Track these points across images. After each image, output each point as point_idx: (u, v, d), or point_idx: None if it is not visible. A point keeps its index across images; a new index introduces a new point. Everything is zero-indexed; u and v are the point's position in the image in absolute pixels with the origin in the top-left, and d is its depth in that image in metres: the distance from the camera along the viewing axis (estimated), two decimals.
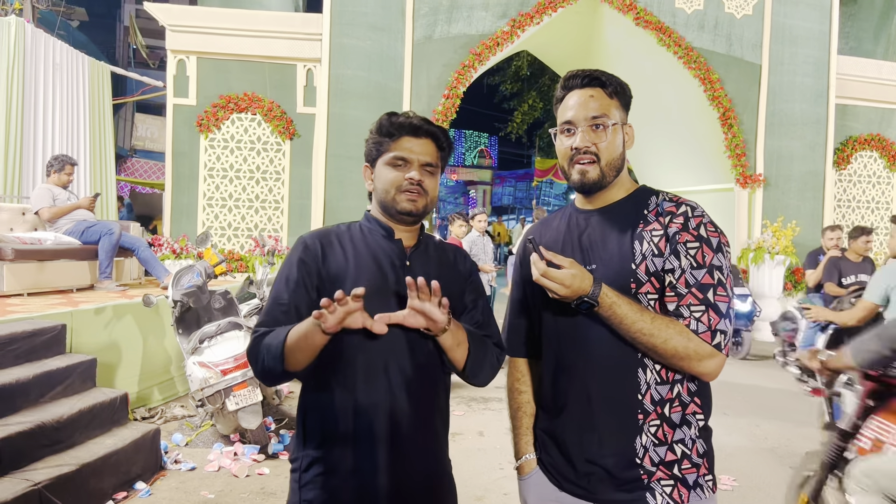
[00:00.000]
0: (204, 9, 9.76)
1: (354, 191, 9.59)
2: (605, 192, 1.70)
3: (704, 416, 1.62)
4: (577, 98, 1.67)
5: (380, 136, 1.76)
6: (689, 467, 1.57)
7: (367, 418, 1.64)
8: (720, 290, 1.54)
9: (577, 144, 1.65)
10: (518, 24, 9.84)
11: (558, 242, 1.73)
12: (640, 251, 1.58)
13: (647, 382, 1.57)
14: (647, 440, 1.56)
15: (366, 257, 1.72)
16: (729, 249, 1.60)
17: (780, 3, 10.62)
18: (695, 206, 1.62)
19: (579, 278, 1.50)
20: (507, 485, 4.20)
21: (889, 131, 11.47)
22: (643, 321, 1.51)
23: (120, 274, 7.00)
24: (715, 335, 1.52)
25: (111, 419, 4.10)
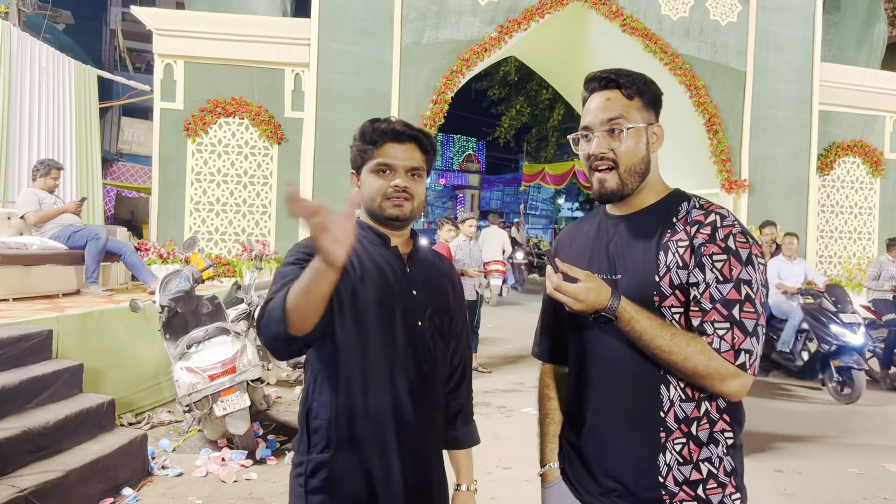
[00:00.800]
0: (191, 13, 9.75)
1: (343, 195, 9.58)
2: (634, 197, 1.62)
3: (734, 433, 1.55)
4: (595, 101, 1.62)
5: (363, 143, 1.76)
6: (715, 487, 1.51)
7: (372, 423, 1.65)
8: (747, 307, 1.44)
9: (592, 151, 1.60)
10: (506, 30, 9.89)
11: (587, 250, 1.68)
12: (665, 262, 1.51)
13: (671, 399, 1.51)
14: (671, 458, 1.50)
15: (368, 265, 1.71)
16: (763, 261, 1.50)
17: (765, 11, 10.74)
18: (725, 214, 1.52)
19: (595, 292, 1.45)
20: (495, 489, 4.22)
21: (871, 137, 11.61)
22: (662, 337, 1.44)
23: (106, 279, 6.96)
24: (739, 355, 1.43)
25: (98, 425, 4.08)
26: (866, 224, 11.61)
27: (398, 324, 1.69)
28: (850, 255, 11.49)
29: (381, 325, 1.67)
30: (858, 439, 5.72)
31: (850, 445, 5.51)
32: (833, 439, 5.68)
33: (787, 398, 7.12)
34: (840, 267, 11.33)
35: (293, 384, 6.70)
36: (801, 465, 4.93)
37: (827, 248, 11.41)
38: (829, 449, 5.40)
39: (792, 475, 4.75)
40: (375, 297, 1.67)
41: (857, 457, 5.21)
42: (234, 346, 4.64)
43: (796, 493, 4.41)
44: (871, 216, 11.64)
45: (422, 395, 1.71)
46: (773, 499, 4.31)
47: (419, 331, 1.72)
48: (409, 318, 1.71)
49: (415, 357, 1.70)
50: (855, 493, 4.46)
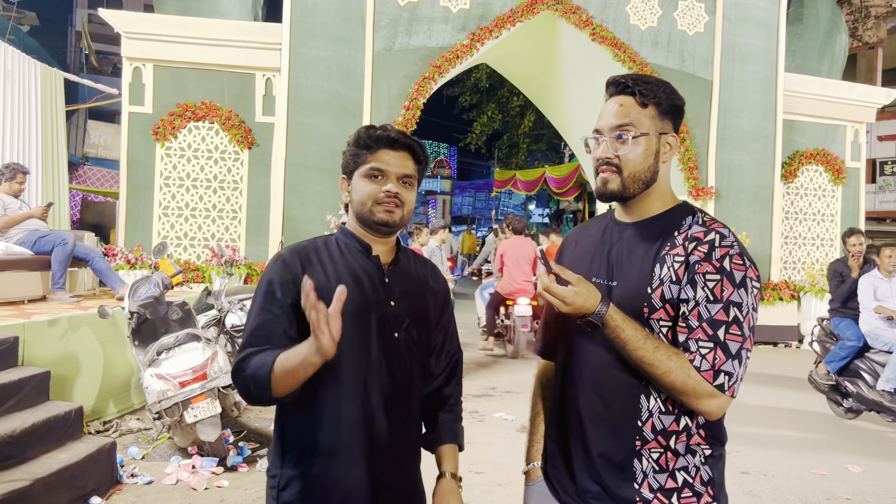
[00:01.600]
0: (161, 16, 9.66)
1: (314, 201, 9.57)
2: (641, 204, 1.62)
3: (711, 446, 1.56)
4: (609, 106, 1.62)
5: (357, 148, 1.76)
6: (690, 496, 1.52)
7: (345, 436, 1.65)
8: (734, 329, 1.44)
9: (598, 154, 1.61)
10: (477, 37, 9.96)
11: (589, 253, 1.70)
12: (659, 275, 1.52)
13: (650, 410, 1.52)
14: (647, 466, 1.52)
15: (345, 276, 1.71)
16: (758, 284, 1.50)
17: (730, 22, 10.96)
18: (726, 234, 1.52)
19: (583, 296, 1.46)
20: (468, 494, 4.23)
21: (833, 146, 11.89)
22: (645, 349, 1.45)
23: (73, 285, 6.86)
24: (718, 375, 1.43)
25: (65, 433, 4.03)
26: (828, 230, 11.88)
27: (373, 335, 1.69)
28: (813, 261, 11.73)
29: (355, 337, 1.65)
30: (821, 441, 5.85)
31: (813, 447, 5.63)
32: (797, 441, 5.80)
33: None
34: (804, 273, 11.57)
35: None
36: (766, 467, 5.03)
37: (791, 254, 11.65)
38: (793, 451, 5.51)
39: (757, 476, 4.84)
40: (351, 309, 1.63)
41: (820, 458, 5.33)
42: (204, 353, 4.61)
43: (762, 495, 4.50)
44: (833, 223, 11.91)
45: (396, 407, 1.71)
46: (739, 500, 4.39)
47: (395, 342, 1.71)
48: (385, 329, 1.71)
49: (389, 369, 1.69)
50: (818, 494, 4.56)
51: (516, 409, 6.25)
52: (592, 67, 11.06)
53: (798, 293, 11.19)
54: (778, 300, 11.02)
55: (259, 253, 9.67)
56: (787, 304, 11.12)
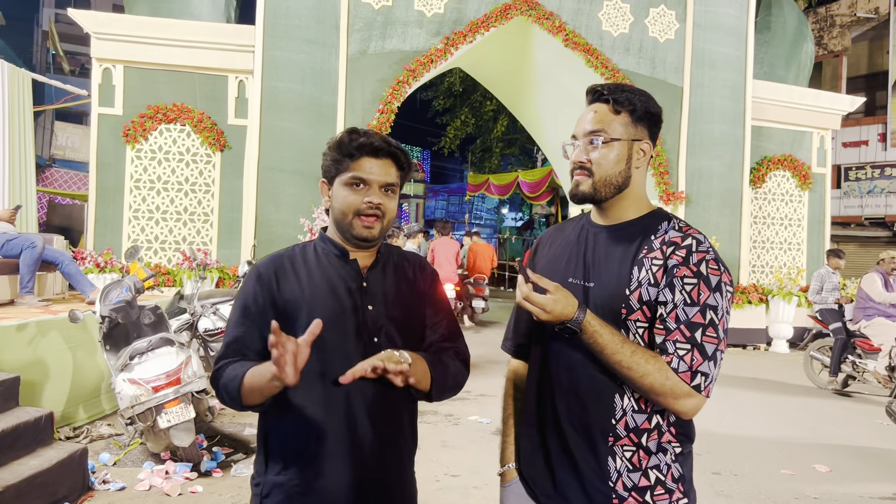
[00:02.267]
0: (132, 17, 9.54)
1: (287, 204, 9.52)
2: (617, 208, 1.67)
3: (681, 444, 1.61)
4: (584, 113, 1.67)
5: (339, 154, 1.72)
6: (663, 493, 1.56)
7: (329, 443, 1.63)
8: (710, 331, 1.50)
9: (571, 158, 1.66)
10: (451, 42, 10.00)
11: (565, 254, 1.72)
12: (637, 278, 1.56)
13: (624, 409, 1.57)
14: (621, 465, 1.56)
15: (320, 284, 1.69)
16: (731, 289, 1.56)
17: (700, 29, 11.14)
18: (702, 240, 1.57)
19: (562, 304, 1.49)
20: (444, 497, 4.25)
21: (800, 152, 12.13)
22: (623, 353, 1.49)
23: (42, 289, 6.74)
24: (695, 376, 1.48)
25: (36, 439, 3.96)
26: (796, 235, 12.10)
27: (352, 341, 1.66)
28: (780, 264, 11.95)
29: (334, 345, 1.64)
30: (789, 442, 5.96)
31: (782, 448, 5.74)
32: (766, 442, 5.91)
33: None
34: (772, 276, 11.78)
35: None
36: (737, 468, 5.11)
37: (759, 257, 11.85)
38: (763, 452, 5.61)
39: (728, 477, 4.92)
40: (326, 318, 1.60)
41: (789, 459, 5.43)
42: (178, 357, 4.56)
43: (733, 495, 4.57)
44: (801, 227, 12.15)
45: (380, 411, 1.68)
46: (711, 500, 4.46)
47: (375, 347, 1.66)
48: (363, 334, 1.68)
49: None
50: (787, 493, 4.65)
51: (491, 412, 6.27)
52: (565, 73, 11.16)
53: (766, 296, 11.38)
54: (747, 303, 11.20)
55: (231, 256, 9.59)
56: (756, 308, 11.32)
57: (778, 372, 9.35)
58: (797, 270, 11.72)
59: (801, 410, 7.15)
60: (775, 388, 8.15)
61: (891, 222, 17.61)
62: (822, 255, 11.21)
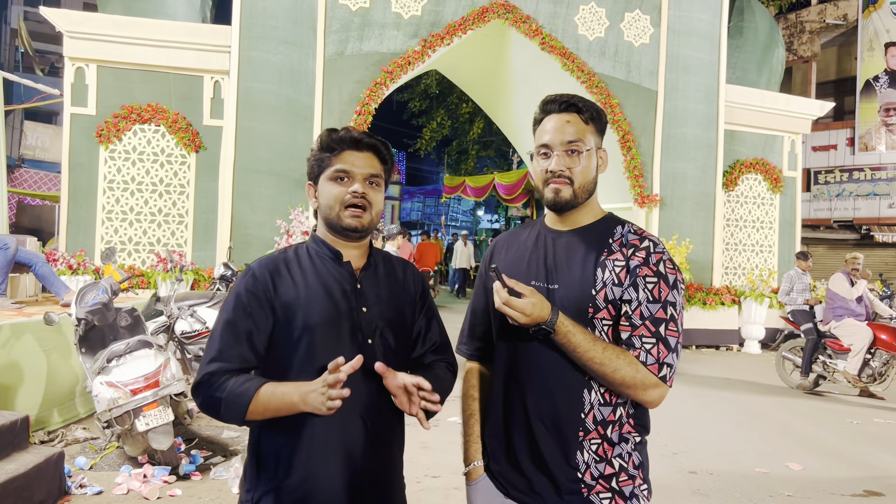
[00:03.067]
0: (105, 16, 9.42)
1: (263, 205, 9.46)
2: (575, 214, 1.75)
3: (639, 433, 1.71)
4: (553, 122, 1.73)
5: (320, 151, 1.74)
6: (626, 479, 1.66)
7: (322, 446, 1.63)
8: (671, 326, 1.62)
9: (552, 168, 1.71)
10: (429, 44, 10.01)
11: (524, 258, 1.78)
12: (602, 278, 1.65)
13: (591, 403, 1.65)
14: (588, 457, 1.65)
15: (315, 286, 1.69)
16: (683, 286, 1.69)
17: (675, 34, 11.28)
18: (657, 242, 1.69)
19: (538, 307, 1.56)
20: (425, 498, 4.26)
21: (771, 156, 12.33)
22: (595, 350, 1.58)
23: (15, 291, 6.64)
24: (662, 367, 1.59)
25: (11, 443, 3.90)
26: (767, 237, 12.30)
27: (347, 343, 1.66)
28: (752, 266, 12.13)
29: (328, 346, 1.64)
30: (763, 440, 6.06)
31: (756, 447, 5.83)
32: (741, 441, 6.00)
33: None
34: (744, 278, 11.95)
35: None
36: (713, 467, 5.19)
37: (732, 259, 12.02)
38: (738, 450, 5.70)
39: (704, 476, 4.99)
40: (322, 318, 1.65)
41: (763, 457, 5.52)
42: (156, 360, 4.52)
43: (709, 493, 4.64)
44: (772, 230, 12.35)
45: (373, 413, 1.69)
46: (687, 498, 4.52)
47: (370, 348, 1.68)
48: (358, 336, 1.68)
49: (365, 376, 1.64)
50: (762, 490, 4.73)
51: None
52: (541, 76, 11.23)
53: (739, 298, 11.54)
54: (720, 305, 11.36)
55: (206, 258, 9.51)
56: (729, 309, 11.48)
57: (750, 372, 9.50)
58: (769, 272, 11.91)
59: (773, 410, 7.27)
60: (748, 388, 8.28)
61: (859, 225, 17.98)
62: (793, 258, 11.41)
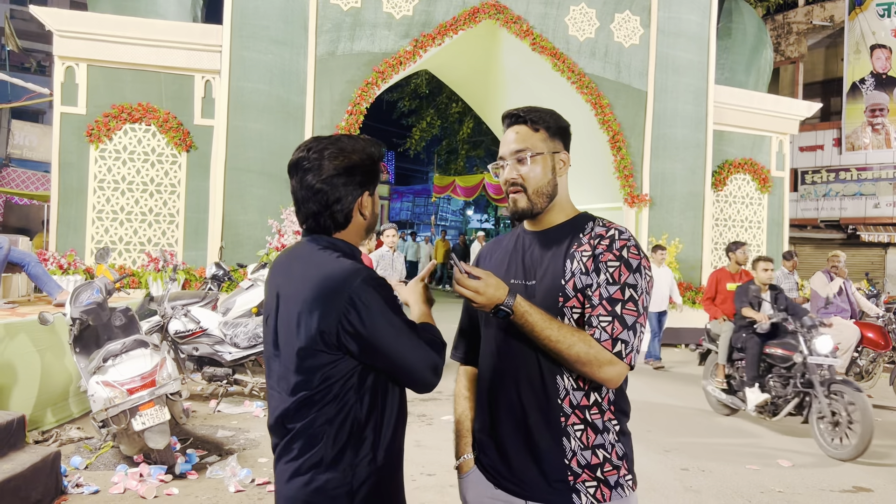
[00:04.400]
0: (95, 15, 9.38)
1: (254, 205, 9.46)
2: (547, 216, 1.85)
3: (619, 422, 1.77)
4: (507, 135, 1.85)
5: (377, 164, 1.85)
6: (611, 469, 1.73)
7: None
8: (629, 305, 1.68)
9: (503, 177, 1.85)
10: (420, 44, 10.03)
11: (505, 260, 1.89)
12: (570, 269, 1.74)
13: (566, 388, 1.72)
14: (575, 444, 1.71)
15: None
16: (650, 273, 1.75)
17: (664, 35, 11.35)
18: (623, 231, 1.77)
19: (493, 287, 1.64)
20: (421, 496, 4.30)
21: (759, 156, 12.43)
22: (550, 329, 1.65)
23: (7, 291, 6.61)
24: (616, 343, 1.65)
25: (7, 443, 3.90)
26: (756, 237, 12.40)
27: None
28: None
29: None
30: (753, 438, 6.13)
31: (747, 444, 5.90)
32: (732, 438, 6.07)
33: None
34: None
35: (207, 398, 6.56)
36: (705, 464, 5.25)
37: (721, 259, 12.08)
38: (729, 448, 5.77)
39: (696, 473, 5.05)
40: None
41: (753, 454, 5.59)
42: (152, 359, 4.53)
43: (701, 490, 4.70)
44: (760, 229, 12.45)
45: None
46: (680, 495, 4.58)
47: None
48: None
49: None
50: (753, 487, 4.79)
51: None
52: (532, 77, 11.28)
53: None
54: None
55: (197, 258, 9.48)
56: None
57: None
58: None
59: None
60: None
61: (845, 225, 18.15)
62: (781, 257, 11.50)
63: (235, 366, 6.29)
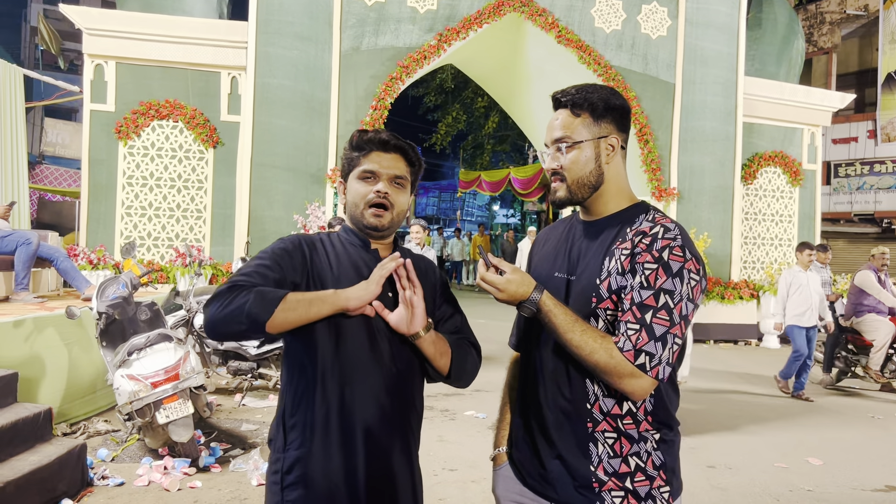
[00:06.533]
0: (124, 13, 9.51)
1: (280, 200, 9.51)
2: (596, 205, 1.73)
3: (659, 431, 1.64)
4: (550, 121, 1.74)
5: (351, 150, 1.83)
6: (643, 479, 1.60)
7: (345, 419, 1.70)
8: (661, 314, 1.52)
9: (545, 167, 1.75)
10: (444, 38, 10.01)
11: (554, 250, 1.80)
12: (607, 268, 1.61)
13: (596, 393, 1.62)
14: (602, 451, 1.61)
15: (346, 264, 1.79)
16: (696, 277, 1.57)
17: (692, 26, 11.18)
18: (670, 227, 1.61)
19: (516, 283, 1.58)
20: (442, 491, 4.28)
21: (791, 149, 12.21)
22: (573, 332, 1.55)
23: (37, 285, 6.72)
24: (639, 355, 1.50)
25: (35, 435, 3.95)
26: (786, 231, 12.19)
27: (373, 323, 1.74)
28: (771, 260, 12.03)
29: (355, 324, 1.72)
30: (782, 435, 6.02)
31: (775, 441, 5.79)
32: (760, 436, 5.96)
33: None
34: (763, 272, 11.86)
35: (233, 392, 6.61)
36: (732, 461, 5.16)
37: (750, 253, 11.93)
38: (757, 445, 5.66)
39: (723, 470, 4.96)
40: None
41: (782, 452, 5.49)
42: (176, 353, 4.56)
43: (728, 488, 4.61)
44: (791, 223, 12.24)
45: (394, 392, 1.75)
46: (707, 494, 4.50)
47: (394, 330, 1.76)
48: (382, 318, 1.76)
49: (389, 355, 1.75)
50: (781, 485, 4.70)
51: (486, 407, 6.30)
52: (557, 69, 11.18)
53: (757, 292, 11.46)
54: (738, 299, 11.28)
55: (224, 253, 9.57)
56: (747, 303, 11.40)
57: (769, 367, 9.42)
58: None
59: (793, 404, 7.21)
60: (767, 383, 8.21)
61: (880, 218, 17.76)
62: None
63: (260, 360, 6.32)
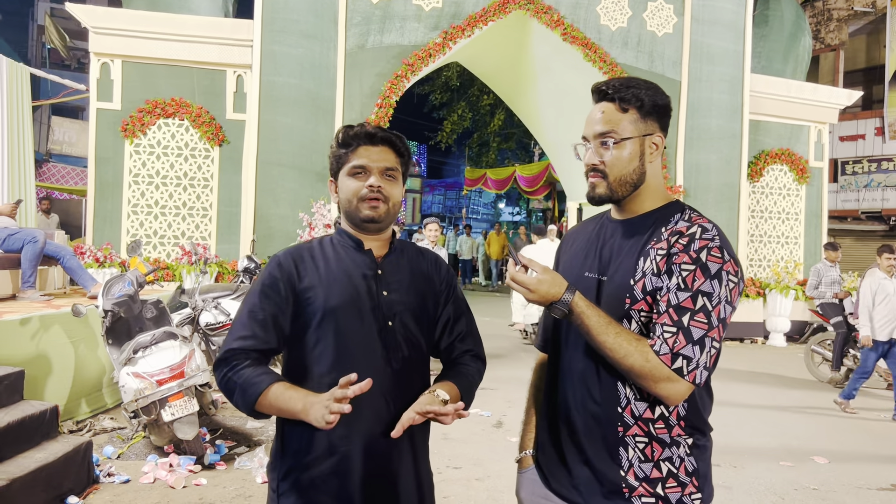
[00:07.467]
0: (130, 11, 9.52)
1: (286, 198, 9.52)
2: (631, 204, 1.67)
3: (692, 437, 1.61)
4: (592, 113, 1.66)
5: (338, 147, 1.81)
6: (675, 486, 1.56)
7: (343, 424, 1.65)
8: (699, 317, 1.48)
9: (585, 161, 1.67)
10: (450, 36, 9.99)
11: (584, 249, 1.75)
12: (642, 268, 1.56)
13: (627, 397, 1.57)
14: (633, 455, 1.57)
15: (336, 270, 1.76)
16: (735, 279, 1.53)
17: (698, 23, 11.14)
18: (708, 228, 1.56)
19: (547, 283, 1.52)
20: (447, 489, 4.28)
21: (797, 146, 12.15)
22: (607, 334, 1.50)
23: (44, 283, 6.75)
24: (676, 359, 1.46)
25: (41, 432, 3.98)
26: (793, 229, 12.14)
27: (368, 324, 1.73)
28: (778, 258, 11.99)
29: (350, 328, 1.71)
30: (788, 434, 6.00)
31: (781, 440, 5.78)
32: (765, 434, 5.95)
33: None
34: (769, 270, 11.82)
35: None
36: (736, 460, 5.15)
37: (757, 251, 11.89)
38: (762, 444, 5.65)
39: (728, 468, 4.96)
40: (342, 300, 1.72)
41: (788, 450, 5.47)
42: (181, 351, 4.58)
43: (733, 486, 4.61)
44: (798, 221, 12.19)
45: (394, 393, 1.73)
46: None
47: (390, 331, 1.74)
48: (378, 317, 1.74)
49: (385, 357, 1.73)
50: (786, 484, 4.69)
51: (491, 406, 6.30)
52: (563, 67, 11.16)
53: (764, 290, 11.42)
54: (744, 297, 11.24)
55: (230, 251, 9.59)
56: (754, 301, 11.36)
57: (776, 365, 9.41)
58: (794, 264, 11.78)
59: (799, 403, 7.19)
60: (773, 381, 8.19)
61: (887, 216, 17.67)
62: (819, 249, 11.23)
63: None
